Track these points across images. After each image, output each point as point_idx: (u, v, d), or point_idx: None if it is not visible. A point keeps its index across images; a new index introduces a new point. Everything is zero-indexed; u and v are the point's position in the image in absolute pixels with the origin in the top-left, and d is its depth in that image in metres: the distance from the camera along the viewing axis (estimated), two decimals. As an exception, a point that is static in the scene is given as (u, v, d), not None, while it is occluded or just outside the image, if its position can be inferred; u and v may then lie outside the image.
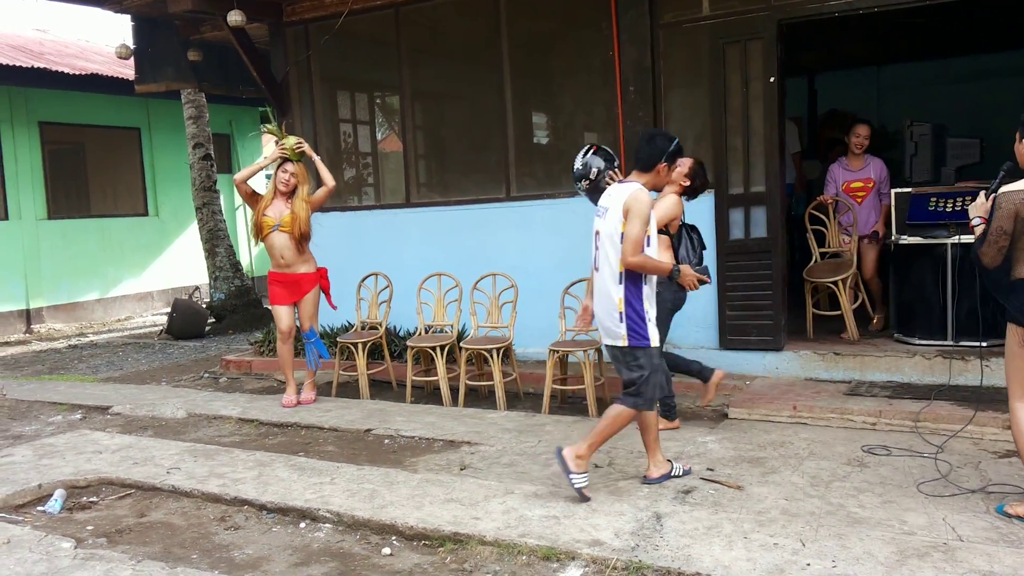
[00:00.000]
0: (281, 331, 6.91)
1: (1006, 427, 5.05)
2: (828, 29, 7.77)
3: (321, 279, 6.89)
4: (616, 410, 4.47)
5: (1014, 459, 4.76)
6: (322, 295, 6.96)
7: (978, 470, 4.61)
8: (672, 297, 5.54)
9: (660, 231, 5.20)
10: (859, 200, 6.98)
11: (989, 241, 3.97)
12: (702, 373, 5.71)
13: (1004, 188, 4.03)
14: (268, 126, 7.26)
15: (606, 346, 4.62)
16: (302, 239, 6.69)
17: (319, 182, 6.81)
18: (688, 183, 5.42)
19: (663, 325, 5.39)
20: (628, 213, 4.31)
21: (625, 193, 4.38)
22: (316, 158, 6.89)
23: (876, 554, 3.58)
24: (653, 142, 4.53)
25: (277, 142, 6.85)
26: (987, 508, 4.07)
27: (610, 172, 5.31)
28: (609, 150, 5.50)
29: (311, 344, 6.88)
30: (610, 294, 4.41)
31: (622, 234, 4.33)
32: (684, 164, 5.32)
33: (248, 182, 6.83)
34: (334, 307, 7.07)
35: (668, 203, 5.38)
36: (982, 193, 4.19)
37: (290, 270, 6.74)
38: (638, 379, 4.44)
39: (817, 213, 7.21)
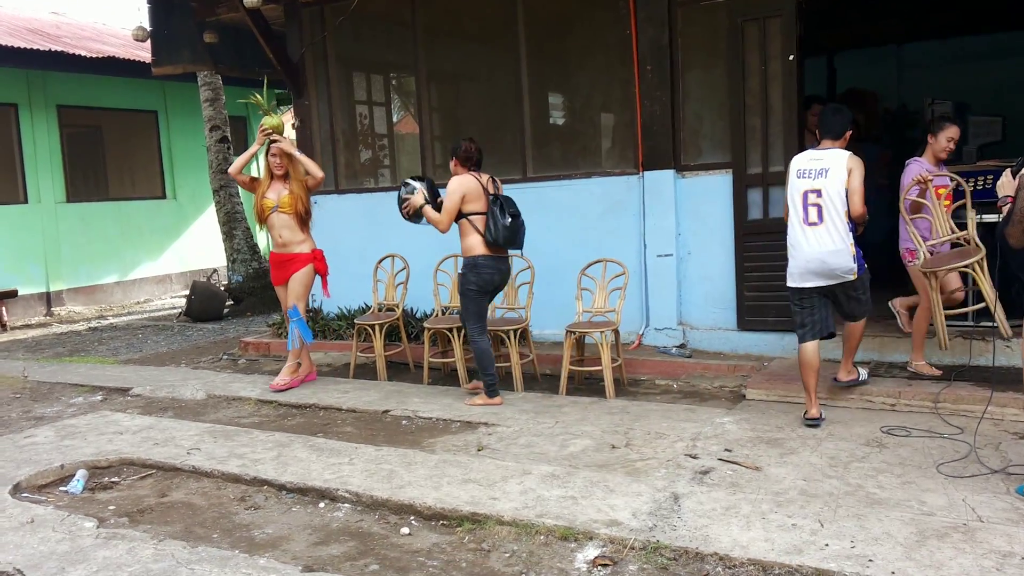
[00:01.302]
0: (284, 311, 7.01)
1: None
2: (848, 7, 7.67)
3: (315, 261, 6.81)
4: (857, 327, 5.50)
5: (1035, 440, 4.74)
6: (319, 279, 6.94)
7: (998, 451, 4.58)
8: (477, 279, 6.04)
9: (464, 215, 6.01)
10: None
11: (1014, 221, 3.93)
12: (491, 387, 6.11)
13: None
14: (258, 97, 7.03)
15: (827, 286, 5.27)
16: (303, 217, 6.73)
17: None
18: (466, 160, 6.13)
19: (477, 306, 6.10)
20: (852, 172, 5.13)
21: (843, 156, 5.18)
22: (299, 155, 6.78)
23: (895, 535, 3.57)
24: (841, 113, 5.35)
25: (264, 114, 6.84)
26: (1007, 489, 4.05)
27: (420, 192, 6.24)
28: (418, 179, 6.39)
29: (293, 323, 6.82)
30: (843, 239, 5.14)
31: (846, 190, 5.13)
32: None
33: (244, 171, 6.84)
34: (327, 295, 7.03)
35: (454, 184, 6.02)
36: (1007, 171, 4.16)
37: (287, 250, 6.79)
38: (864, 297, 5.38)
39: (920, 200, 5.69)
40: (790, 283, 5.34)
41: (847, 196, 5.10)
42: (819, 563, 3.36)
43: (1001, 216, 4.12)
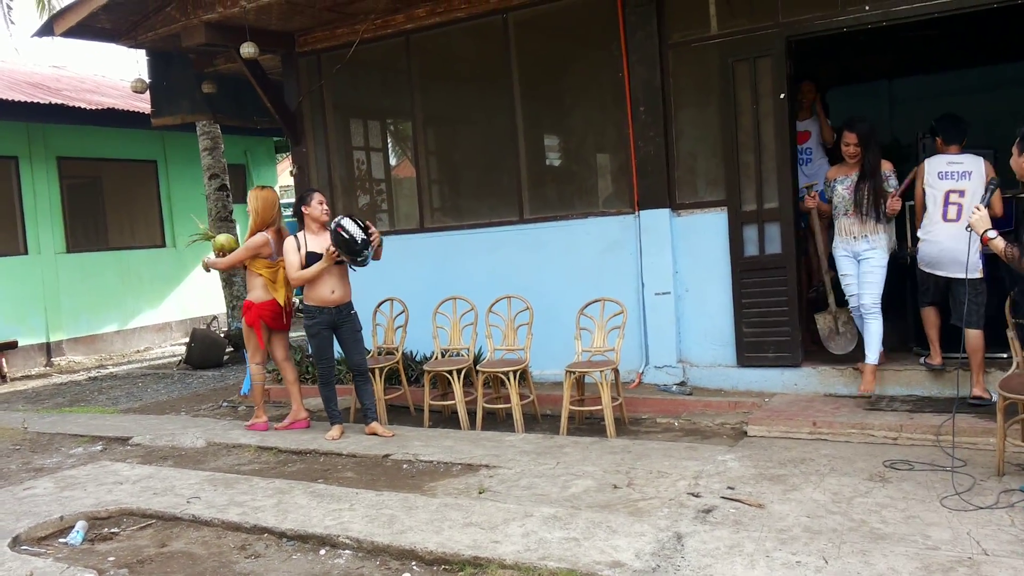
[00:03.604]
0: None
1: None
2: (838, 43, 7.77)
3: (245, 311, 6.96)
4: (974, 339, 5.79)
5: (1038, 471, 4.72)
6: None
7: (1002, 482, 4.55)
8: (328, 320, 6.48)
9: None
10: None
11: None
12: (334, 416, 6.64)
13: None
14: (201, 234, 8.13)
15: (950, 279, 5.89)
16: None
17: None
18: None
19: (328, 346, 6.52)
20: (990, 174, 5.83)
21: (981, 162, 5.93)
22: (223, 261, 7.20)
23: (900, 570, 3.54)
24: (959, 121, 6.12)
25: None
26: (1012, 521, 4.02)
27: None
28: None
29: None
30: (976, 237, 5.07)
31: None
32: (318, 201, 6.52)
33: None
34: (261, 346, 7.02)
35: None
36: (978, 206, 4.56)
37: None
38: (977, 302, 5.76)
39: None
40: (920, 267, 6.12)
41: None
42: (824, 601, 3.33)
43: (1003, 252, 4.23)
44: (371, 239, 6.33)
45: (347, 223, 6.26)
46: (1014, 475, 4.67)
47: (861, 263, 6.38)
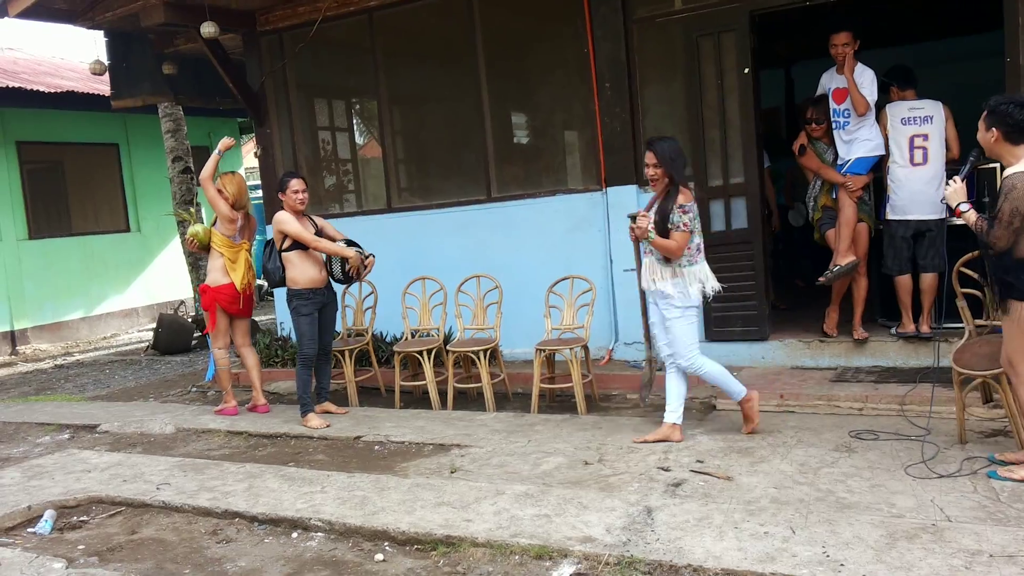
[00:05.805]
0: None
1: (989, 406, 5.07)
2: (803, 17, 7.78)
3: (201, 295, 7.03)
4: (932, 280, 6.01)
5: (999, 438, 4.81)
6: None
7: (964, 450, 4.63)
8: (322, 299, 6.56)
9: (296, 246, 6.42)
10: None
11: (1004, 224, 4.00)
12: (307, 404, 6.50)
13: (1012, 170, 4.07)
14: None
15: (924, 221, 6.02)
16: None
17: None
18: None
19: (317, 327, 6.50)
20: (949, 120, 6.08)
21: (940, 107, 6.10)
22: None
23: (865, 538, 3.60)
24: (909, 69, 6.39)
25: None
26: (975, 487, 4.10)
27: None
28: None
29: None
30: (944, 178, 5.45)
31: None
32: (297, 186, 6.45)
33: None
34: (212, 329, 6.97)
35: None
36: (956, 179, 4.36)
37: None
38: (942, 249, 5.84)
39: None
40: (890, 216, 6.15)
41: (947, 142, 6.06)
42: (791, 570, 3.38)
43: (973, 224, 4.20)
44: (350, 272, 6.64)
45: (336, 268, 6.61)
46: (976, 443, 4.76)
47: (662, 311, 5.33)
